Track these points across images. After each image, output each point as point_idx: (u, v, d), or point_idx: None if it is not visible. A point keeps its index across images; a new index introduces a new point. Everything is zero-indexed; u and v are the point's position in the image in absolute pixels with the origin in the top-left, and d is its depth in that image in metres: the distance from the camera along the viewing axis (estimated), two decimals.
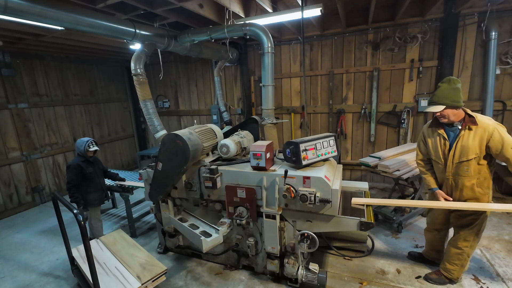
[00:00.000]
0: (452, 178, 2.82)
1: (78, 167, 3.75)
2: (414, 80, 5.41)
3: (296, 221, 3.03)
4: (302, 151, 2.91)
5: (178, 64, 7.70)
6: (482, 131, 2.57)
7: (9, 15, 2.82)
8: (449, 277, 3.05)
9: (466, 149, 2.63)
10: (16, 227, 5.17)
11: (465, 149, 2.64)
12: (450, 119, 2.67)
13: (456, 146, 2.69)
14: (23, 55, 5.84)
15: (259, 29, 4.22)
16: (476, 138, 2.59)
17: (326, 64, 6.05)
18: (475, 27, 4.88)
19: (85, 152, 3.80)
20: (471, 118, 2.63)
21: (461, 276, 3.07)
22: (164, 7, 3.76)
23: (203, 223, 3.31)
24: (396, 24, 5.26)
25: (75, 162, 3.79)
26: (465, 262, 2.98)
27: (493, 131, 2.54)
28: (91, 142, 3.86)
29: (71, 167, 3.74)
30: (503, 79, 4.91)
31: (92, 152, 3.87)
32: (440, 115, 2.68)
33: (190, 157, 2.98)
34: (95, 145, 3.89)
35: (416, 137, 5.62)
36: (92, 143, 3.87)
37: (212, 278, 3.42)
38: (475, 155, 2.62)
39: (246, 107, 6.95)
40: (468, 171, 2.70)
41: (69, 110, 6.87)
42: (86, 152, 3.81)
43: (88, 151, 3.82)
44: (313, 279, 2.99)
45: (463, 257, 2.94)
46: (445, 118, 2.68)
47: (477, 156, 2.63)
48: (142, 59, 4.29)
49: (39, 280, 3.60)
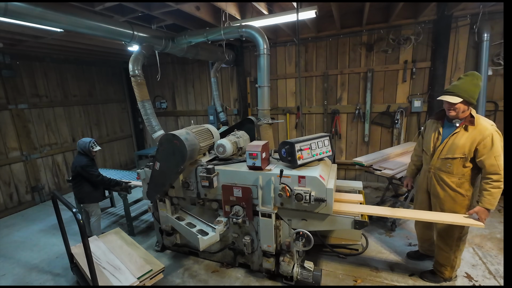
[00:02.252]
0: (433, 171, 2.86)
1: (90, 162, 3.95)
2: (407, 81, 5.48)
3: (291, 219, 3.07)
4: (297, 151, 2.94)
5: (175, 66, 7.75)
6: (477, 133, 2.53)
7: (9, 17, 2.85)
8: (442, 277, 3.09)
9: (455, 147, 2.63)
10: (16, 225, 5.21)
11: (454, 147, 2.65)
12: (458, 114, 2.59)
13: (447, 142, 2.70)
14: (23, 56, 5.88)
15: (255, 31, 4.26)
16: (469, 139, 2.56)
17: (321, 65, 6.12)
18: (467, 29, 4.95)
19: (89, 151, 3.96)
20: (471, 119, 2.58)
21: (452, 275, 3.08)
22: (161, 9, 3.81)
23: (200, 222, 3.35)
24: (389, 26, 5.33)
25: (84, 160, 3.93)
26: (454, 263, 2.98)
27: (488, 136, 2.48)
28: (93, 143, 4.01)
29: (87, 165, 3.92)
30: (495, 80, 4.98)
31: (95, 152, 4.02)
32: (452, 108, 2.58)
33: (187, 157, 3.02)
34: (97, 145, 4.05)
35: (409, 137, 5.70)
36: (95, 143, 4.03)
37: (209, 276, 3.47)
38: (461, 155, 2.62)
39: (242, 108, 7.01)
40: (449, 168, 2.72)
41: (68, 111, 6.90)
42: (91, 152, 3.97)
43: (91, 151, 3.97)
44: (308, 276, 3.03)
45: (450, 258, 2.96)
46: (455, 111, 2.58)
47: (464, 156, 2.61)
48: (140, 61, 4.32)
49: (39, 278, 3.64)
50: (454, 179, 2.73)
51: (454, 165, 2.69)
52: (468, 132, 2.58)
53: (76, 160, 3.99)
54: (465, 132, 2.60)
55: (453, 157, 2.67)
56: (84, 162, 3.91)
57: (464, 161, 2.64)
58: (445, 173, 2.77)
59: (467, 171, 2.68)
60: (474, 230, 4.09)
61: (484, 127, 2.53)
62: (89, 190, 4.04)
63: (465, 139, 2.58)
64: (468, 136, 2.57)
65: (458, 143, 2.62)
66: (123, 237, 3.65)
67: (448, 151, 2.69)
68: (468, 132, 2.58)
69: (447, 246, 2.93)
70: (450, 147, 2.68)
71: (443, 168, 2.77)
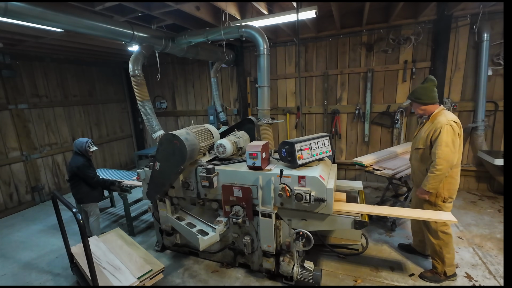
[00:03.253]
0: (411, 162, 3.27)
1: (87, 163, 3.94)
2: (407, 81, 5.48)
3: (291, 219, 3.07)
4: (297, 151, 2.94)
5: (175, 66, 7.75)
6: (432, 126, 2.86)
7: (9, 17, 2.85)
8: (438, 273, 3.12)
9: (418, 138, 3.05)
10: (16, 225, 5.21)
11: (417, 139, 3.08)
12: (417, 112, 3.06)
13: (416, 135, 3.15)
14: (23, 56, 5.89)
15: (255, 31, 4.27)
16: (427, 131, 2.91)
17: (321, 65, 6.12)
18: (467, 29, 4.95)
19: (86, 151, 3.94)
20: (435, 115, 2.93)
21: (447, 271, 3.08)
22: (161, 9, 3.81)
23: (200, 222, 3.35)
24: (389, 26, 5.33)
25: (81, 160, 3.91)
26: (442, 255, 3.04)
27: (438, 128, 2.78)
28: (90, 143, 4.01)
29: (84, 165, 3.89)
30: (495, 80, 4.99)
31: (91, 152, 4.02)
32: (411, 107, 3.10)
33: (187, 157, 3.02)
34: (94, 145, 4.05)
35: (409, 137, 5.70)
36: (91, 143, 4.03)
37: (209, 276, 3.47)
38: (422, 146, 2.97)
39: (242, 108, 7.02)
40: (417, 158, 3.08)
41: (68, 111, 6.91)
42: (87, 152, 3.96)
43: (88, 151, 3.96)
44: (308, 276, 3.03)
45: (437, 250, 3.07)
46: (414, 109, 3.08)
47: (424, 147, 2.96)
48: (140, 61, 4.33)
49: (39, 278, 3.64)
50: (423, 167, 3.03)
51: (419, 155, 3.04)
52: (426, 125, 2.98)
53: (72, 160, 3.98)
54: (426, 125, 2.99)
55: (417, 148, 3.05)
56: (80, 162, 3.89)
57: (428, 152, 2.94)
58: (415, 162, 3.14)
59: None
60: (474, 230, 4.11)
61: (438, 121, 2.83)
62: (87, 190, 4.04)
63: (424, 131, 2.96)
64: (426, 129, 2.95)
65: (419, 135, 3.04)
66: (123, 237, 3.65)
67: (415, 142, 3.12)
68: (426, 125, 2.98)
69: (430, 236, 3.10)
70: (416, 139, 3.10)
71: (414, 157, 3.17)
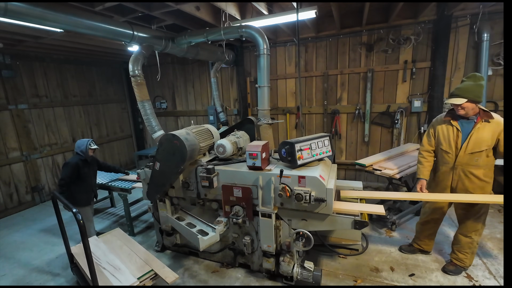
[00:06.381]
0: (461, 167, 2.99)
1: (75, 165, 3.82)
2: (407, 81, 5.48)
3: (291, 220, 3.07)
4: (297, 151, 2.94)
5: (175, 66, 7.75)
6: (496, 125, 2.78)
7: (9, 17, 2.85)
8: (462, 266, 3.22)
9: (480, 140, 2.83)
10: (16, 226, 5.21)
11: (479, 141, 2.84)
12: (468, 113, 2.83)
13: (471, 138, 2.87)
14: (23, 56, 5.89)
15: (255, 31, 4.27)
16: (490, 131, 2.80)
17: (321, 65, 6.12)
18: (467, 29, 4.95)
19: (86, 151, 3.89)
20: (486, 113, 2.82)
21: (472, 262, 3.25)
22: (161, 9, 3.81)
23: (200, 222, 3.35)
24: (389, 26, 5.33)
25: (74, 160, 3.85)
26: (475, 249, 3.18)
27: (502, 125, 2.75)
28: (91, 141, 3.98)
29: (69, 165, 3.81)
30: (495, 80, 4.99)
31: (92, 150, 3.97)
32: (460, 107, 2.82)
33: (187, 157, 3.02)
34: (95, 144, 4.01)
35: (409, 137, 5.70)
36: (93, 142, 4.00)
37: (209, 276, 3.47)
38: (487, 147, 2.82)
39: (242, 108, 7.02)
40: (477, 161, 2.90)
41: (68, 111, 6.91)
42: (88, 150, 3.91)
43: (89, 149, 3.92)
44: (308, 276, 3.03)
45: (473, 245, 3.14)
46: (464, 110, 2.82)
47: (488, 147, 2.83)
48: (140, 61, 4.33)
49: (39, 278, 3.64)
50: (482, 170, 2.93)
51: (481, 158, 2.88)
52: (489, 124, 2.82)
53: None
54: (486, 125, 2.82)
55: (480, 150, 2.86)
56: (70, 160, 3.84)
57: (487, 152, 2.86)
58: (474, 167, 2.93)
59: (489, 161, 2.91)
60: None
61: (498, 119, 2.81)
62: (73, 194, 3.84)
63: (487, 131, 2.81)
64: (489, 129, 2.81)
65: (482, 136, 2.83)
66: (123, 237, 3.65)
67: (474, 145, 2.87)
68: (489, 124, 2.82)
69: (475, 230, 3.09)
70: (475, 142, 2.86)
71: (471, 162, 2.93)
